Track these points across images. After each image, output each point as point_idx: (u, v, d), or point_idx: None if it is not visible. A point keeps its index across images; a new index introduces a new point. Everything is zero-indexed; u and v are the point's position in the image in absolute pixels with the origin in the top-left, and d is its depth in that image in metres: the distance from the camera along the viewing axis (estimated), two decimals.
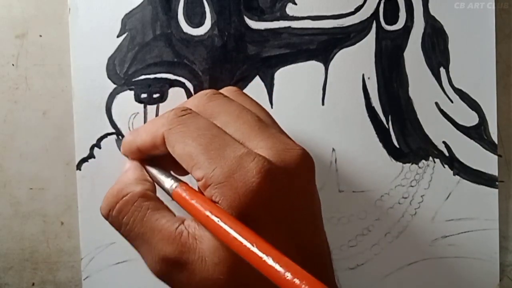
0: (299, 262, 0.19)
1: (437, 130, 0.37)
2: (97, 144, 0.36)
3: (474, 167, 0.37)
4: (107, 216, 0.26)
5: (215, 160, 0.22)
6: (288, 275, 0.18)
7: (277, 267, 0.18)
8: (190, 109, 0.26)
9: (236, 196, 0.21)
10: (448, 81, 0.37)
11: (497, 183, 0.37)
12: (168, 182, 0.25)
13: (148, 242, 0.24)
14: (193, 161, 0.23)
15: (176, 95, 0.36)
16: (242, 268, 0.21)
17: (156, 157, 0.28)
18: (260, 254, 0.19)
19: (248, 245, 0.19)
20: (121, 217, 0.25)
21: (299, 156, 0.23)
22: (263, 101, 0.37)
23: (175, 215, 0.25)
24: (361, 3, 0.36)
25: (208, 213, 0.21)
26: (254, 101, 0.28)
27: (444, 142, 0.37)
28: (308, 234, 0.23)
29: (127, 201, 0.25)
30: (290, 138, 0.26)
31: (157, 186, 0.27)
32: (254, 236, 0.20)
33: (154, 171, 0.27)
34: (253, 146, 0.23)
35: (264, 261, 0.19)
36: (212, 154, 0.22)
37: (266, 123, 0.26)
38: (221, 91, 0.29)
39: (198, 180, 0.23)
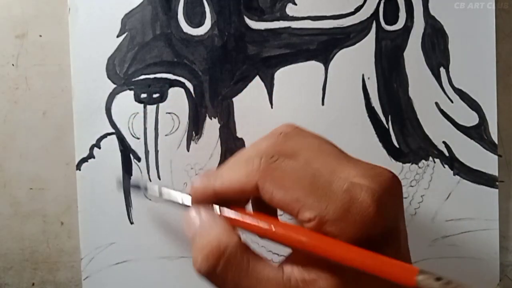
0: None
1: (437, 130, 0.37)
2: (97, 144, 0.36)
3: (474, 167, 0.37)
4: (210, 275, 0.24)
5: (325, 198, 0.22)
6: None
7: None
8: (278, 155, 0.25)
9: (357, 228, 0.22)
10: (448, 81, 0.37)
11: (497, 183, 0.37)
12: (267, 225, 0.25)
13: None
14: (300, 204, 0.23)
15: (176, 95, 0.36)
16: None
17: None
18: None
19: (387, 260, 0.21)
20: (227, 273, 0.24)
21: (391, 178, 0.24)
22: (263, 101, 0.37)
23: (271, 261, 0.24)
24: (361, 3, 0.36)
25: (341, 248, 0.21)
26: (315, 133, 0.28)
27: (444, 142, 0.37)
28: (407, 248, 0.24)
29: (230, 254, 0.24)
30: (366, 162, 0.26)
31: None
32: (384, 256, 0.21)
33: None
34: (347, 176, 0.23)
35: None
36: (319, 193, 0.22)
37: (341, 150, 0.26)
38: (281, 126, 0.29)
39: (308, 221, 0.22)
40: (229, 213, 0.26)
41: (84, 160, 0.36)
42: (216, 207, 0.26)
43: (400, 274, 0.20)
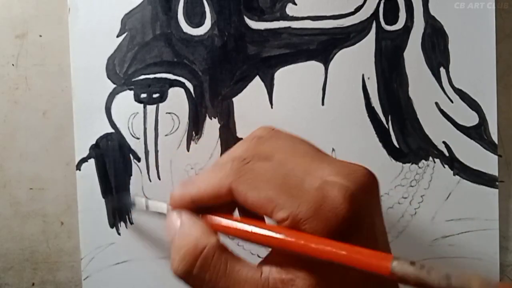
0: None
1: (437, 130, 0.37)
2: (97, 144, 0.36)
3: (474, 167, 0.37)
4: (187, 276, 0.24)
5: (297, 197, 0.22)
6: None
7: None
8: (250, 158, 0.25)
9: (329, 225, 0.22)
10: (448, 81, 0.37)
11: (497, 183, 0.37)
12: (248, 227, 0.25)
13: None
14: (273, 204, 0.23)
15: (176, 95, 0.36)
16: None
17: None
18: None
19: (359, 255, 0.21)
20: (204, 274, 0.24)
21: (366, 175, 0.24)
22: (263, 101, 0.37)
23: (249, 262, 0.24)
24: (361, 3, 0.36)
25: (318, 246, 0.21)
26: (292, 134, 0.28)
27: (444, 142, 0.37)
28: (384, 244, 0.24)
29: (206, 256, 0.24)
30: (342, 160, 0.26)
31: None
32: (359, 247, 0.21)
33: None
34: (321, 175, 0.24)
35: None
36: (291, 192, 0.23)
37: (317, 150, 0.27)
38: (256, 131, 0.29)
39: (282, 221, 0.22)
40: (209, 217, 0.26)
41: (84, 160, 0.36)
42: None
43: (374, 262, 0.20)
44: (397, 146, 0.37)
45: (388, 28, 0.37)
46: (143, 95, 0.36)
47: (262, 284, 0.23)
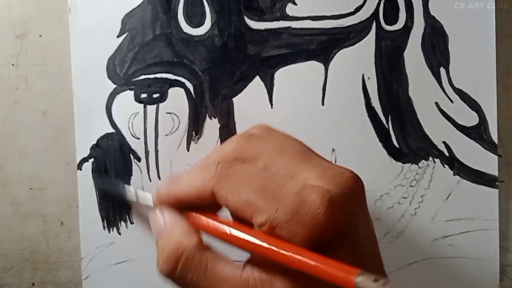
0: None
1: (437, 130, 0.37)
2: (97, 144, 0.36)
3: (474, 167, 0.37)
4: (171, 277, 0.25)
5: (275, 201, 0.22)
6: None
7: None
8: (235, 160, 0.25)
9: (306, 231, 0.21)
10: (448, 81, 0.37)
11: (497, 183, 0.37)
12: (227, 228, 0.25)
13: None
14: (252, 208, 0.23)
15: (176, 95, 0.36)
16: None
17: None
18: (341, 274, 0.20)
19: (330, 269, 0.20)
20: (186, 274, 0.24)
21: (350, 179, 0.24)
22: (263, 101, 0.37)
23: (232, 261, 0.24)
24: (361, 3, 0.36)
25: (288, 253, 0.21)
26: (285, 133, 0.28)
27: (444, 142, 0.37)
28: (369, 253, 0.24)
29: (187, 257, 0.24)
30: (331, 162, 0.26)
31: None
32: (327, 259, 0.21)
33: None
34: (304, 178, 0.23)
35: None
36: (270, 196, 0.22)
37: (306, 152, 0.26)
38: (250, 128, 0.29)
39: (261, 225, 0.22)
40: (192, 215, 0.26)
41: (84, 160, 0.36)
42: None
43: (340, 276, 0.20)
44: (397, 146, 0.37)
45: (388, 28, 0.37)
46: (143, 95, 0.36)
47: (242, 284, 0.23)
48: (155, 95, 0.36)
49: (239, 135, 0.28)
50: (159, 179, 0.36)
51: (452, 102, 0.37)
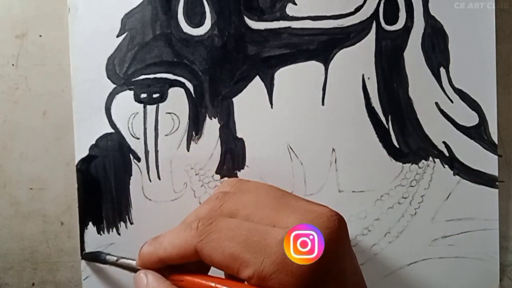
0: None
1: (437, 130, 0.37)
2: (97, 144, 0.36)
3: (474, 167, 0.37)
4: None
5: (260, 253, 0.22)
6: None
7: None
8: (214, 217, 0.25)
9: (295, 279, 0.21)
10: (448, 81, 0.37)
11: (497, 183, 0.37)
12: None
13: None
14: (238, 262, 0.23)
15: (176, 95, 0.36)
16: None
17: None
18: None
19: None
20: None
21: (330, 219, 0.24)
22: (263, 101, 0.37)
23: None
24: (361, 3, 0.36)
25: None
26: (258, 182, 0.28)
27: (444, 142, 0.37)
28: (358, 283, 0.24)
29: None
30: (308, 200, 0.26)
31: None
32: None
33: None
34: (285, 225, 0.23)
35: None
36: (254, 248, 0.22)
37: (282, 197, 0.26)
38: (222, 186, 0.29)
39: (249, 279, 0.22)
40: (177, 276, 0.26)
41: (84, 160, 0.36)
42: None
43: None
44: (397, 146, 0.37)
45: (388, 28, 0.37)
46: (143, 95, 0.36)
47: None
48: (155, 95, 0.36)
49: (213, 196, 0.28)
50: (159, 179, 0.36)
51: (452, 102, 0.37)
